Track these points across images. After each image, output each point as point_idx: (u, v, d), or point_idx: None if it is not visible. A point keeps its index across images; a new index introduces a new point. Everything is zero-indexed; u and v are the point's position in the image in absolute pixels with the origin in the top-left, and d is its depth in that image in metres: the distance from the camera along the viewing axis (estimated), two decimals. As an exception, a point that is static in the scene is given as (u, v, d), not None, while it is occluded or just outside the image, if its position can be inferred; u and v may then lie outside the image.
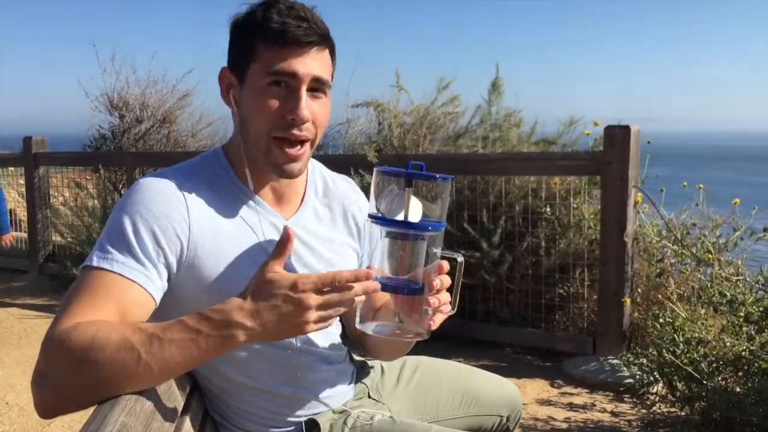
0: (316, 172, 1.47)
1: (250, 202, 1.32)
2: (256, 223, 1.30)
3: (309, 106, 1.24)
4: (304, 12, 1.23)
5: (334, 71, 1.32)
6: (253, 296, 1.04)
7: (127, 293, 1.11)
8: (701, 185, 3.59)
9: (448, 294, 1.23)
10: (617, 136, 3.55)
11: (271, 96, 1.23)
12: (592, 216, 3.89)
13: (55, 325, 1.05)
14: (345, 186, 1.52)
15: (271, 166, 1.27)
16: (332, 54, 1.30)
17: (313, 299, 1.03)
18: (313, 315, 1.04)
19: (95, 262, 1.13)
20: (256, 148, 1.27)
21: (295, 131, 1.24)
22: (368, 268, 1.22)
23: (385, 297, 1.25)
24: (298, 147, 1.26)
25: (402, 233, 1.15)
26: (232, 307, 1.03)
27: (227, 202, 1.30)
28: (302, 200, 1.40)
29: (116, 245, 1.15)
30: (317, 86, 1.25)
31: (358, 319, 1.23)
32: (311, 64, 1.23)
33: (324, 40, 1.25)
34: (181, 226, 1.21)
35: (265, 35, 1.22)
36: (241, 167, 1.32)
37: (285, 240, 1.08)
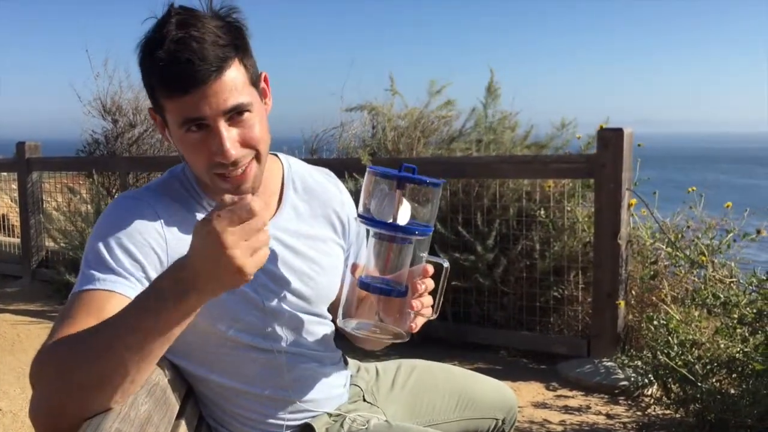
0: (292, 169, 1.44)
1: None
2: None
3: (233, 139, 1.18)
4: (188, 48, 1.12)
5: (252, 68, 1.23)
6: (186, 255, 0.98)
7: (108, 304, 1.10)
8: (694, 188, 3.60)
9: (430, 297, 1.23)
10: (610, 138, 3.56)
11: (194, 143, 1.19)
12: (586, 218, 3.90)
13: (39, 349, 1.04)
14: (325, 180, 1.50)
15: (223, 192, 1.25)
16: (243, 57, 1.20)
17: (230, 237, 0.94)
18: (238, 251, 0.94)
19: (77, 288, 1.14)
20: (205, 180, 1.26)
21: (231, 168, 1.20)
22: (353, 266, 1.22)
23: (366, 293, 1.25)
24: (240, 172, 1.22)
25: (389, 235, 1.15)
26: (168, 272, 0.99)
27: (198, 216, 1.28)
28: (280, 200, 1.39)
29: (94, 267, 1.15)
30: (235, 112, 1.18)
31: (339, 317, 1.23)
32: (218, 98, 1.15)
33: (222, 66, 1.15)
34: (157, 241, 1.21)
35: (161, 86, 1.17)
36: (205, 183, 1.30)
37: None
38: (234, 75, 1.18)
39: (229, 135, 1.18)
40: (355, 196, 1.53)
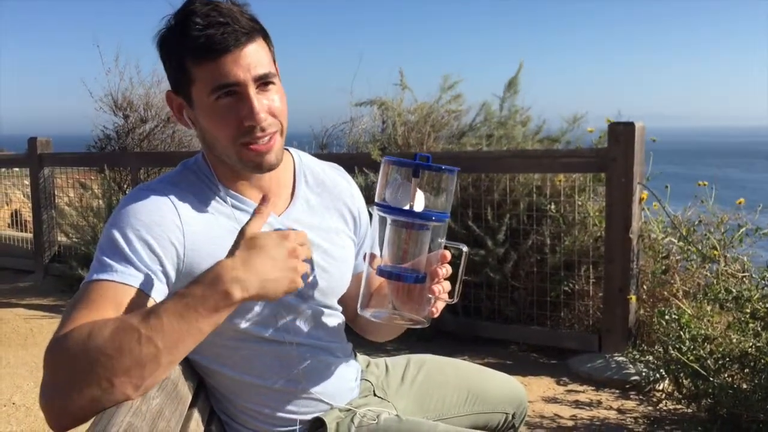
0: (303, 163, 1.46)
1: (238, 204, 1.32)
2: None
3: (262, 105, 1.22)
4: (221, 14, 1.19)
5: (274, 53, 1.30)
6: (241, 250, 1.07)
7: (125, 298, 1.10)
8: (705, 182, 3.58)
9: (449, 283, 1.23)
10: (622, 133, 3.54)
11: (224, 110, 1.22)
12: (597, 213, 3.88)
13: (54, 335, 1.04)
14: (335, 174, 1.51)
15: (247, 166, 1.27)
16: (266, 38, 1.27)
17: (301, 248, 1.11)
18: (301, 265, 1.10)
19: (93, 276, 1.13)
20: (228, 158, 1.27)
21: (259, 133, 1.23)
22: (371, 256, 1.22)
23: (382, 281, 1.26)
24: (267, 140, 1.25)
25: (406, 222, 1.17)
26: (221, 264, 1.05)
27: (215, 207, 1.30)
28: (293, 193, 1.40)
29: (111, 257, 1.15)
30: (263, 81, 1.23)
31: (359, 305, 1.24)
32: (249, 64, 1.20)
33: (252, 33, 1.22)
34: (175, 234, 1.21)
35: (193, 54, 1.20)
36: (221, 173, 1.32)
37: (261, 206, 1.13)
38: (261, 49, 1.24)
39: (259, 101, 1.22)
40: (366, 191, 1.53)
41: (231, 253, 1.07)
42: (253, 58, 1.21)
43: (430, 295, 1.20)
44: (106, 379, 0.97)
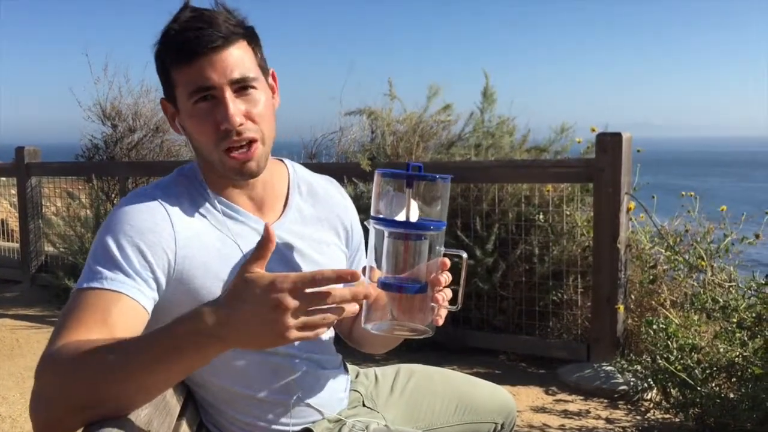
0: (297, 174, 1.46)
1: (229, 212, 1.32)
2: (239, 233, 1.31)
3: (238, 109, 1.22)
4: (200, 20, 1.21)
5: (261, 56, 1.29)
6: (227, 300, 0.93)
7: (115, 306, 1.11)
8: (692, 193, 3.62)
9: (450, 290, 1.24)
10: (609, 143, 3.57)
11: (202, 114, 1.23)
12: (585, 223, 3.90)
13: (46, 348, 1.04)
14: (329, 187, 1.51)
15: (230, 173, 1.27)
16: (251, 42, 1.27)
17: (292, 300, 0.90)
18: (293, 320, 0.91)
19: (84, 284, 1.13)
20: (213, 163, 1.28)
21: (236, 138, 1.23)
22: (370, 269, 1.22)
23: (380, 293, 1.26)
24: (246, 149, 1.25)
25: (404, 233, 1.16)
26: (203, 315, 0.93)
27: (208, 215, 1.30)
28: (286, 203, 1.40)
29: (103, 264, 1.15)
30: (242, 85, 1.23)
31: (362, 319, 1.23)
32: (225, 68, 1.21)
33: (231, 37, 1.22)
34: (167, 241, 1.22)
35: (172, 57, 1.22)
36: (213, 181, 1.33)
37: (265, 240, 0.96)
38: (242, 53, 1.24)
39: (235, 104, 1.22)
40: (355, 201, 1.54)
41: (219, 297, 0.96)
42: (231, 61, 1.21)
43: (432, 304, 1.20)
44: (89, 399, 0.97)
